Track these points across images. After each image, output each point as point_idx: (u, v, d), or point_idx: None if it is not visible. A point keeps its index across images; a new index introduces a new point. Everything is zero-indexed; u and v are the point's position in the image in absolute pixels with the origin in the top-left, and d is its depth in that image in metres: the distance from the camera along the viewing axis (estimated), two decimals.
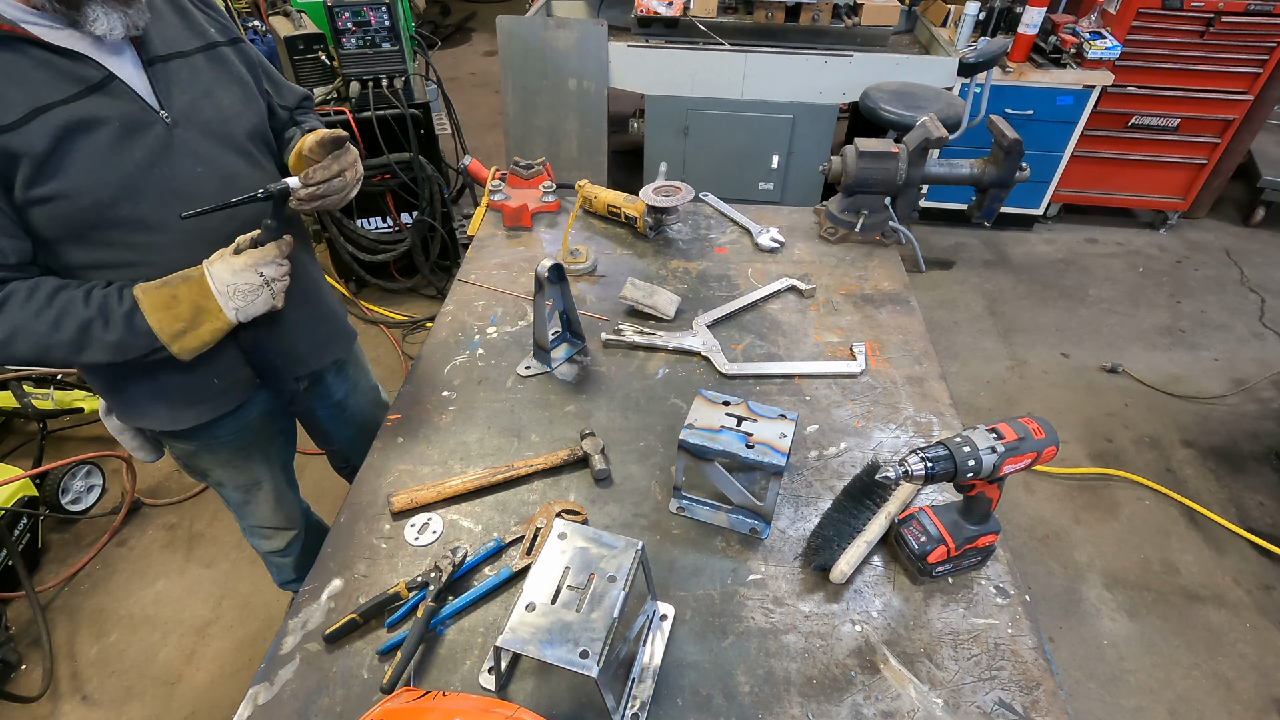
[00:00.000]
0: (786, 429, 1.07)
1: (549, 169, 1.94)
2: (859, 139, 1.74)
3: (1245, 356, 3.28)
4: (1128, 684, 2.11)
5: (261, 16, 3.35)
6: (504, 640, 0.82)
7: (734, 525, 1.15)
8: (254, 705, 0.94)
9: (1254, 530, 2.50)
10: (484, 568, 1.09)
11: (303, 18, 2.83)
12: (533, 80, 3.41)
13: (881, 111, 3.02)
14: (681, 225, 1.88)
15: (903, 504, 1.17)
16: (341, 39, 2.64)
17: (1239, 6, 3.26)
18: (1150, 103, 3.60)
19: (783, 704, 0.94)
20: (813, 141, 3.50)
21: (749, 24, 3.55)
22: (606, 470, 1.21)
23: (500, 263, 1.73)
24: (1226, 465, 2.76)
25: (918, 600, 1.07)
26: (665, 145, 3.58)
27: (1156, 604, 2.31)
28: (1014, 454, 0.97)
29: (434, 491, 1.17)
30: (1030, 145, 3.31)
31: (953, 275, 3.74)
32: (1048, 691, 0.96)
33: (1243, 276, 3.78)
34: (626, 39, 3.42)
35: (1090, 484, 2.69)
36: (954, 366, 3.17)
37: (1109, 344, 3.32)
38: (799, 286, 1.65)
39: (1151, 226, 4.13)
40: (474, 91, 5.52)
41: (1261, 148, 3.98)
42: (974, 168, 1.78)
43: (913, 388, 1.42)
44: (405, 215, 3.13)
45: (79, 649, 2.14)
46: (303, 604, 1.05)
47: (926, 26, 3.73)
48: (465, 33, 6.61)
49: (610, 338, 1.49)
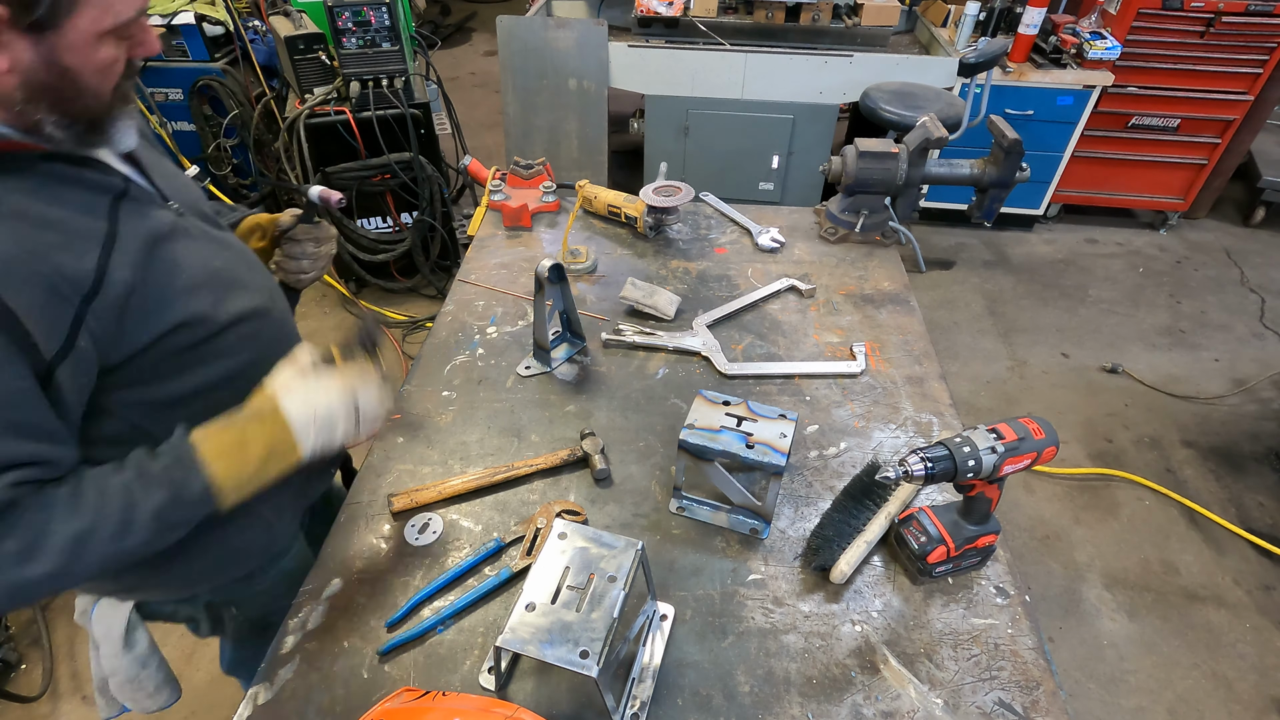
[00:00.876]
0: (786, 429, 1.07)
1: (549, 169, 1.94)
2: (859, 139, 1.74)
3: (1245, 357, 3.28)
4: (1128, 684, 2.11)
5: (261, 16, 3.36)
6: (504, 640, 0.82)
7: (734, 525, 1.15)
8: (254, 705, 0.94)
9: (1254, 530, 2.50)
10: (484, 568, 1.09)
11: (303, 17, 2.83)
12: (533, 80, 3.42)
13: (881, 112, 3.02)
14: (681, 225, 1.88)
15: (903, 504, 1.17)
16: (342, 39, 2.64)
17: (1239, 7, 3.26)
18: (1150, 103, 3.60)
19: (783, 704, 0.94)
20: (813, 141, 3.50)
21: (749, 24, 3.55)
22: (607, 470, 1.21)
23: (500, 263, 1.73)
24: (1227, 465, 2.76)
25: (918, 600, 1.07)
26: (665, 145, 3.58)
27: (1156, 604, 2.31)
28: (1014, 454, 0.97)
29: (434, 491, 1.17)
30: (1030, 145, 3.30)
31: (953, 275, 3.74)
32: (1048, 692, 0.96)
33: (1243, 277, 3.78)
34: (627, 39, 3.42)
35: (1090, 484, 2.69)
36: (954, 366, 3.17)
37: (1109, 344, 3.32)
38: (799, 286, 1.65)
39: (1152, 227, 4.13)
40: (474, 91, 5.53)
41: (1262, 148, 3.98)
42: (974, 168, 1.78)
43: (913, 388, 1.42)
44: (405, 215, 3.13)
45: (79, 648, 2.13)
46: (302, 604, 1.05)
47: (926, 27, 3.73)
48: (465, 33, 6.61)
49: (610, 338, 1.49)
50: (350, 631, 1.01)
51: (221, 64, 3.19)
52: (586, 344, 1.48)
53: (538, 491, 1.21)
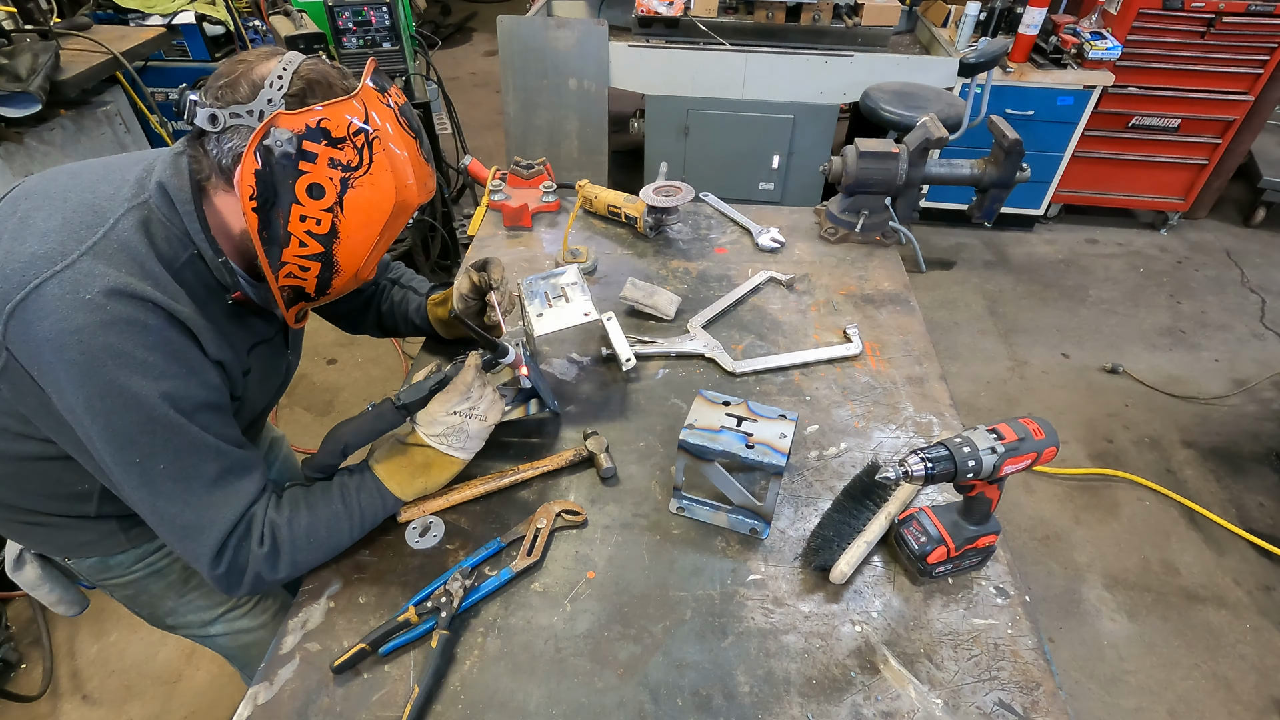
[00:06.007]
0: (786, 429, 1.07)
1: (549, 169, 1.94)
2: (859, 139, 1.74)
3: (1246, 357, 3.28)
4: (1128, 684, 2.11)
5: (262, 16, 3.35)
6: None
7: (734, 525, 1.15)
8: (254, 705, 0.94)
9: (1254, 531, 2.50)
10: (484, 568, 1.09)
11: (303, 17, 2.83)
12: (533, 80, 3.41)
13: (882, 112, 3.02)
14: (682, 225, 1.88)
15: (903, 504, 1.17)
16: (342, 39, 2.64)
17: (1240, 7, 3.26)
18: (1151, 103, 3.60)
19: (782, 704, 0.94)
20: (813, 142, 3.50)
21: (749, 24, 3.55)
22: (613, 469, 1.21)
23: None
24: (1227, 466, 2.76)
25: (918, 600, 1.07)
26: (665, 145, 3.58)
27: (1156, 604, 2.31)
28: (1014, 454, 0.97)
29: (441, 500, 1.16)
30: (1031, 145, 3.31)
31: (953, 275, 3.74)
32: (1047, 692, 0.96)
33: (1243, 277, 3.78)
34: (627, 39, 3.42)
35: (1090, 484, 2.69)
36: (954, 367, 3.17)
37: (1109, 344, 3.32)
38: (777, 277, 1.66)
39: (1152, 227, 4.13)
40: (474, 91, 5.53)
41: (1262, 148, 3.98)
42: (974, 168, 1.78)
43: (913, 388, 1.42)
44: None
45: (79, 648, 2.14)
46: (302, 604, 1.05)
47: (927, 27, 3.73)
48: (466, 32, 6.61)
49: (609, 352, 1.46)
50: (350, 631, 1.01)
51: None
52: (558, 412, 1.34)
53: (537, 493, 1.21)
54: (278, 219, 0.89)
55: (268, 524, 0.98)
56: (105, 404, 0.84)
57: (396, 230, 0.98)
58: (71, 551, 1.14)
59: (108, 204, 0.89)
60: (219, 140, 0.88)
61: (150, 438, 0.87)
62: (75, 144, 2.39)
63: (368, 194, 0.90)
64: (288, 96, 0.86)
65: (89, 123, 2.46)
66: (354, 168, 0.89)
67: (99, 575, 1.18)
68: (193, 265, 0.93)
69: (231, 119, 0.86)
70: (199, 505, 0.92)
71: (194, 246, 0.92)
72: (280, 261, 0.92)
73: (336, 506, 1.04)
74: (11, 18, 2.42)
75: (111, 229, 0.87)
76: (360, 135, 0.88)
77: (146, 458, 0.88)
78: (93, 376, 0.83)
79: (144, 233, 0.88)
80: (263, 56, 0.89)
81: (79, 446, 0.92)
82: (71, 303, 0.82)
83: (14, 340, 0.83)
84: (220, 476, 0.94)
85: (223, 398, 0.96)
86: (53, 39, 2.31)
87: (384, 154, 0.90)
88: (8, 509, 1.07)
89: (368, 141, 0.89)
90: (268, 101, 0.86)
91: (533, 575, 1.08)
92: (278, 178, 0.86)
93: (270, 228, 0.89)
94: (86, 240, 0.85)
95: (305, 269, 0.94)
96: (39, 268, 0.83)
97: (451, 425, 1.09)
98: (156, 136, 2.93)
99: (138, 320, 0.84)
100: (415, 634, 1.00)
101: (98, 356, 0.82)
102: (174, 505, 0.91)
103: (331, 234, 0.91)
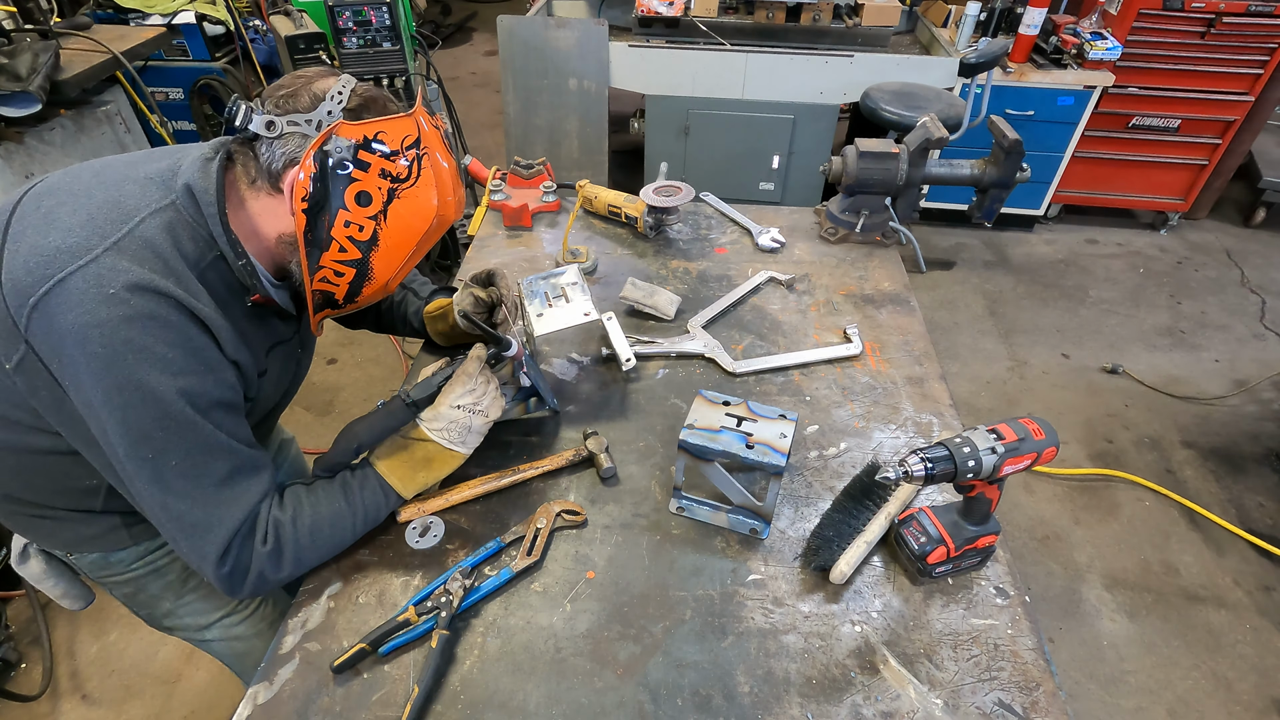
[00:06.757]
0: (786, 429, 1.07)
1: (549, 169, 1.94)
2: (859, 139, 1.74)
3: (1246, 357, 3.28)
4: (1127, 684, 2.11)
5: (262, 16, 3.35)
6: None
7: (734, 525, 1.15)
8: (254, 705, 0.94)
9: (1254, 531, 2.50)
10: (484, 568, 1.09)
11: (303, 17, 2.83)
12: (533, 80, 3.41)
13: (882, 112, 3.02)
14: (682, 225, 1.88)
15: (903, 504, 1.17)
16: (342, 38, 2.64)
17: (1240, 7, 3.26)
18: (1151, 103, 3.60)
19: (782, 704, 0.94)
20: (813, 142, 3.50)
21: (750, 24, 3.55)
22: (613, 468, 1.21)
23: (500, 263, 1.72)
24: (1227, 466, 2.76)
25: (917, 601, 1.07)
26: (666, 145, 3.58)
27: (1156, 605, 2.31)
28: (1014, 455, 0.97)
29: (442, 499, 1.16)
30: (1031, 146, 3.31)
31: (953, 276, 3.74)
32: (1047, 692, 0.96)
33: (1243, 277, 3.78)
34: (627, 39, 3.42)
35: (1090, 485, 2.69)
36: (954, 367, 3.17)
37: (1109, 345, 3.32)
38: (778, 277, 1.66)
39: (1152, 227, 4.13)
40: (474, 91, 5.53)
41: (1262, 148, 3.98)
42: (974, 168, 1.78)
43: (913, 388, 1.42)
44: None
45: (79, 648, 2.14)
46: (302, 604, 1.05)
47: (927, 27, 3.73)
48: (466, 32, 6.61)
49: (609, 352, 1.46)
50: (350, 631, 1.01)
51: (222, 63, 3.19)
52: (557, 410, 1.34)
53: (537, 492, 1.21)
54: (323, 222, 0.93)
55: (271, 522, 0.98)
56: (123, 398, 0.85)
57: (429, 245, 1.02)
58: (74, 546, 1.15)
59: (133, 202, 0.90)
60: (272, 145, 0.92)
61: (164, 433, 0.88)
62: (75, 144, 2.39)
63: (411, 205, 0.96)
64: (346, 110, 0.93)
65: (89, 122, 2.46)
66: (402, 180, 0.94)
67: (100, 571, 1.18)
68: (215, 267, 0.94)
69: (289, 127, 0.92)
70: (208, 503, 0.93)
71: (218, 248, 0.94)
72: (318, 265, 0.96)
73: (339, 504, 1.05)
74: (11, 17, 2.42)
75: (136, 227, 0.88)
76: (412, 150, 0.94)
77: (159, 453, 0.88)
78: (113, 370, 0.83)
79: (169, 233, 0.90)
80: (322, 74, 0.97)
81: (87, 442, 0.92)
82: (95, 296, 0.82)
83: (35, 333, 0.84)
84: (230, 475, 0.94)
85: (237, 397, 0.97)
86: (53, 38, 2.31)
87: (430, 170, 0.96)
88: (14, 502, 1.08)
89: (418, 157, 0.95)
90: (327, 113, 0.92)
91: (532, 575, 1.08)
92: (330, 182, 0.92)
93: (315, 230, 0.94)
94: (111, 236, 0.86)
95: (340, 274, 0.98)
96: (63, 261, 0.84)
97: (456, 420, 1.10)
98: (156, 136, 2.93)
99: (159, 316, 0.85)
100: (415, 634, 0.99)
101: (119, 350, 0.83)
102: (183, 502, 0.92)
103: (372, 241, 0.96)
